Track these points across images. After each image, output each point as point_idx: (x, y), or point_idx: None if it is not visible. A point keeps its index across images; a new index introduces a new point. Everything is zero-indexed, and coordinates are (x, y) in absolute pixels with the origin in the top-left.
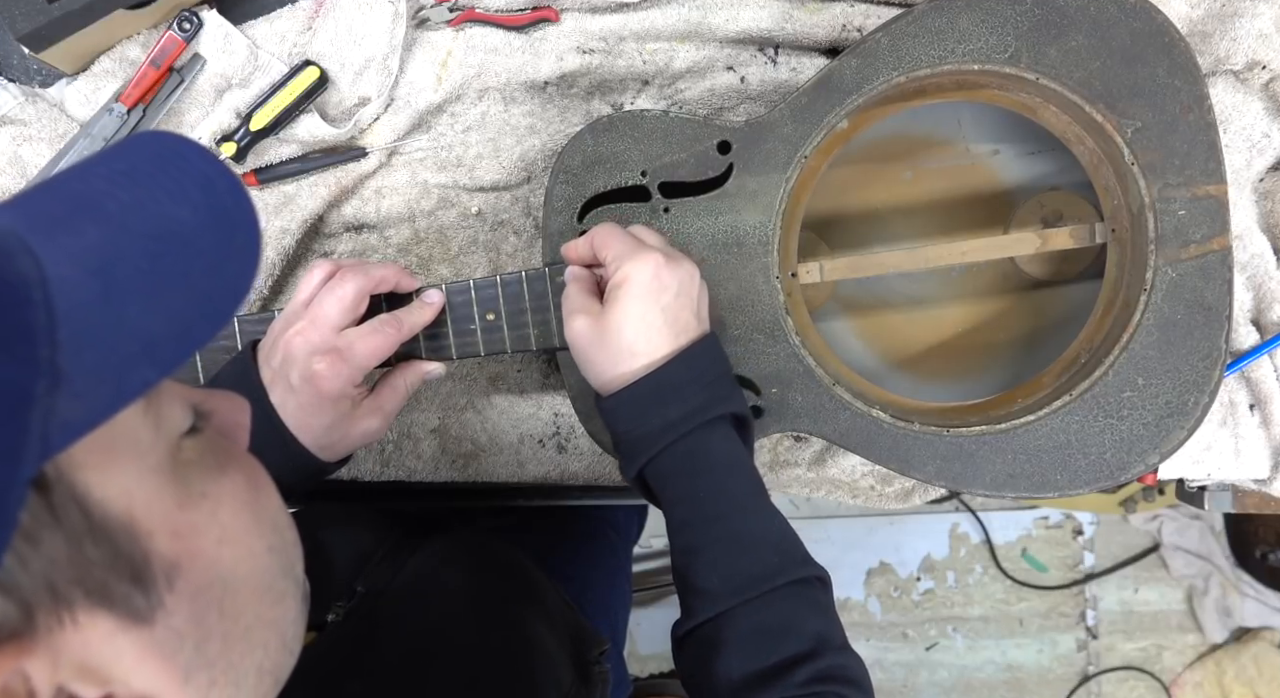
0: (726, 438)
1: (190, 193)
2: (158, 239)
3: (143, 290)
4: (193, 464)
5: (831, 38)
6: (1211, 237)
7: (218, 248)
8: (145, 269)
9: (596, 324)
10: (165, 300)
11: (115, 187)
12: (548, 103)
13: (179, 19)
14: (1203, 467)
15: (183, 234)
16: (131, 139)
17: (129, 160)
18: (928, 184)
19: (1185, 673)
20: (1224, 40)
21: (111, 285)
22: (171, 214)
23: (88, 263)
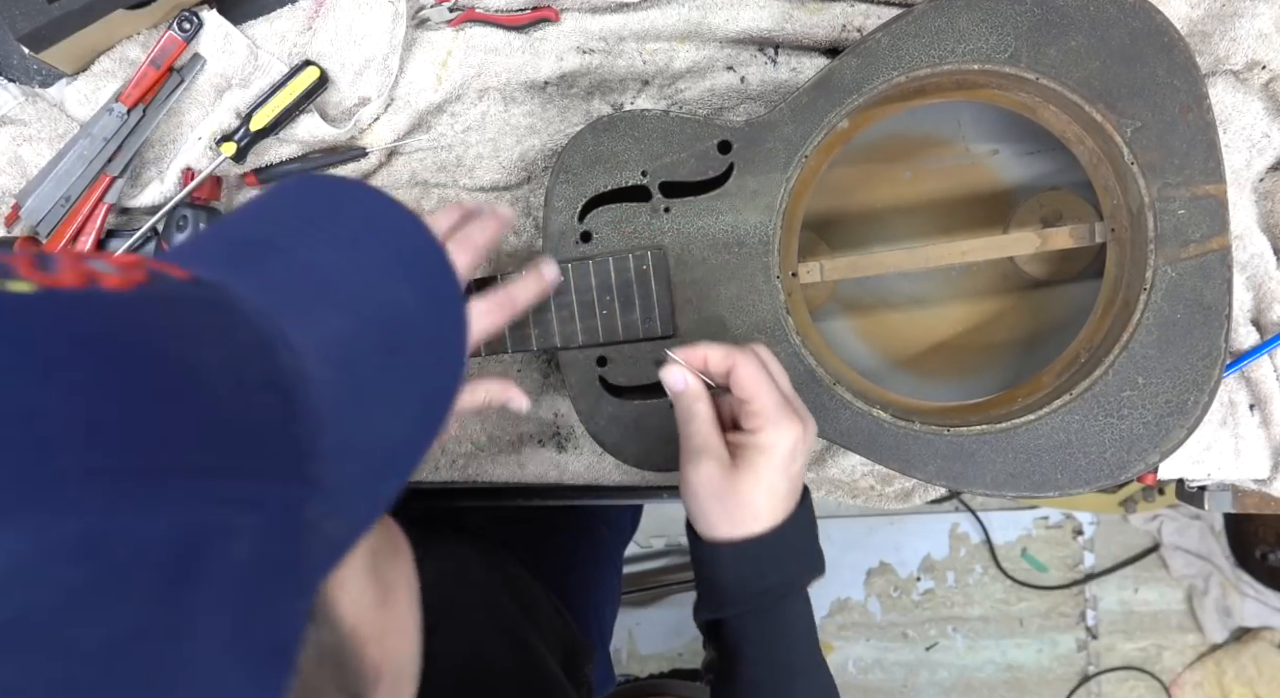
0: (806, 603)
1: (408, 270)
2: (389, 328)
3: (383, 390)
4: (379, 552)
5: (831, 38)
6: (1211, 236)
7: (437, 335)
8: (382, 365)
9: (726, 480)
10: (401, 399)
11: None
12: (548, 103)
13: (179, 19)
14: (1203, 467)
15: (407, 322)
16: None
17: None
18: (928, 184)
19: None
20: (1224, 40)
21: (359, 385)
22: (395, 298)
23: (336, 358)
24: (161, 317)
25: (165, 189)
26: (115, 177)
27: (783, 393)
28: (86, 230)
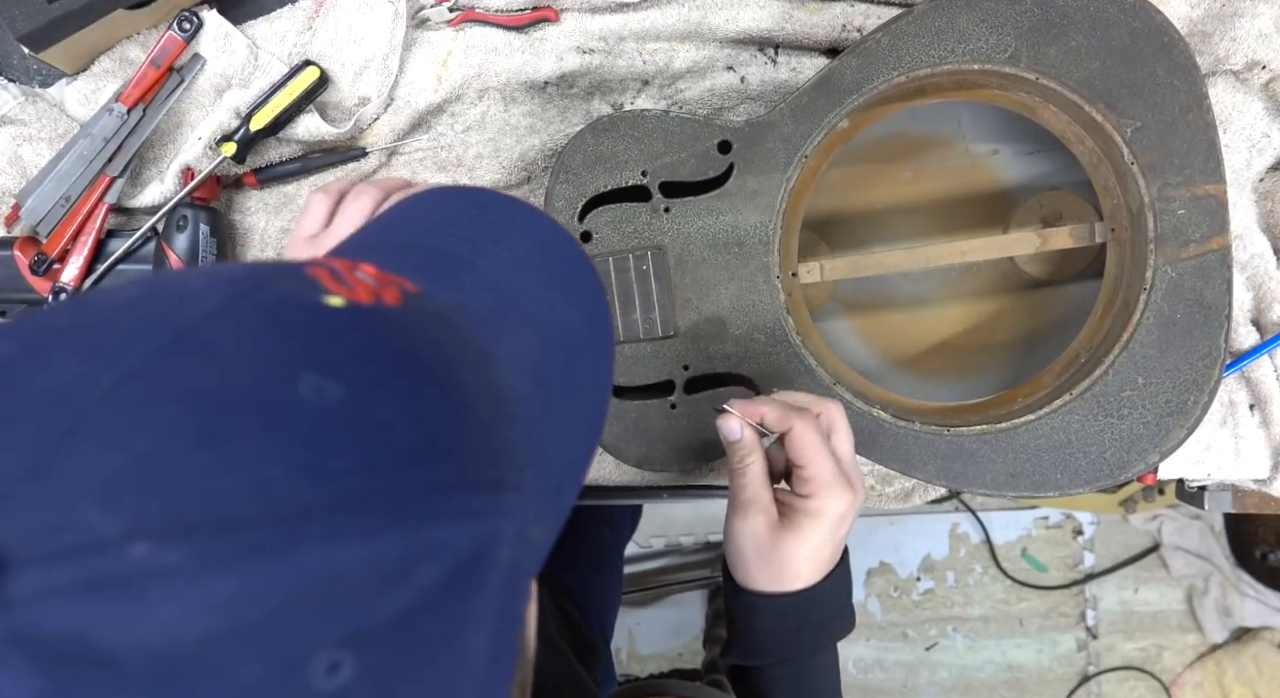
0: (834, 656)
1: (575, 292)
2: (565, 346)
3: (563, 404)
4: None
5: (831, 38)
6: (1211, 236)
7: (598, 355)
8: (562, 381)
9: (771, 537)
10: (575, 413)
11: (523, 278)
12: (548, 103)
13: (179, 19)
14: (1203, 467)
15: (576, 341)
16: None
17: (520, 244)
18: (927, 184)
19: (1185, 673)
20: (1224, 40)
21: (547, 399)
22: (566, 317)
23: (528, 372)
24: (431, 332)
25: (165, 189)
26: (115, 176)
27: (838, 460)
28: (86, 230)
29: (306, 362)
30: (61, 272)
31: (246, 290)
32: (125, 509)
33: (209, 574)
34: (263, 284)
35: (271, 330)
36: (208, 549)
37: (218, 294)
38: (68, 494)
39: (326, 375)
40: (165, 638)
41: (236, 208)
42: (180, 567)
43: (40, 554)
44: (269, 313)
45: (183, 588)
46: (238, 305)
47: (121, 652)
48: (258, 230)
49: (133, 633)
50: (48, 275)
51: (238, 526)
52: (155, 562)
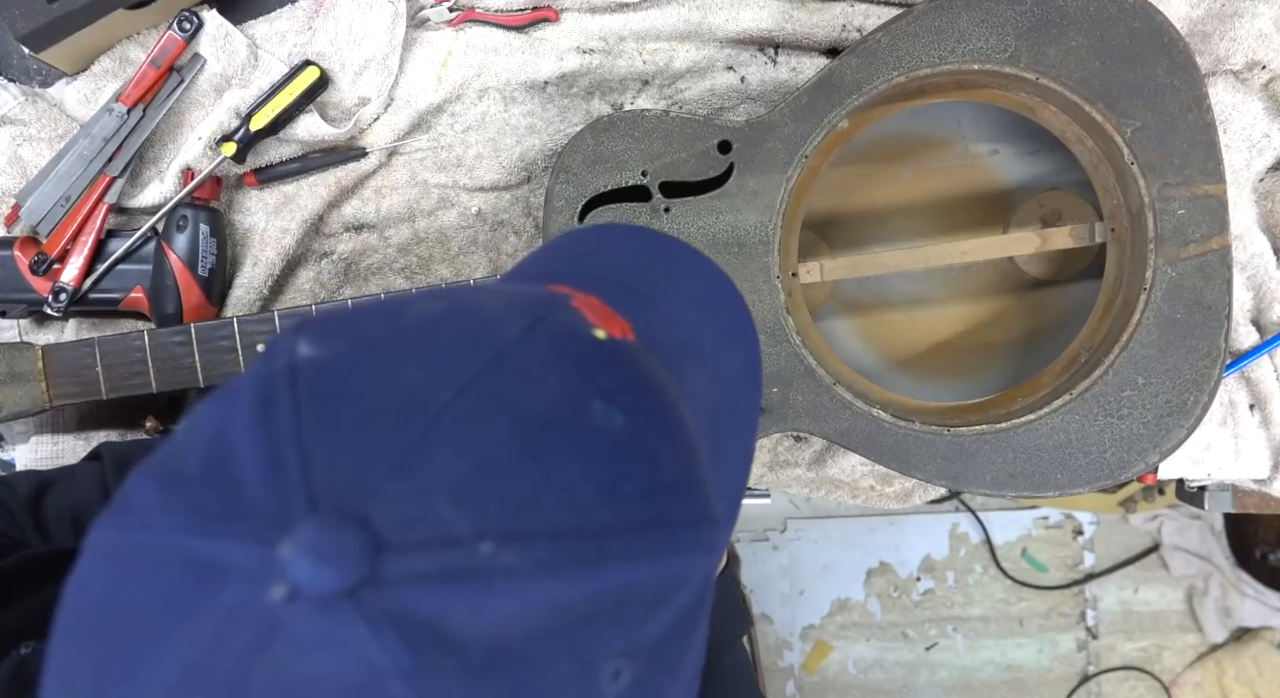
0: (739, 654)
1: (739, 339)
2: (731, 388)
3: (728, 443)
4: None
5: (831, 38)
6: (1211, 236)
7: (753, 401)
8: (729, 421)
9: None
10: (736, 453)
11: (701, 321)
12: (548, 103)
13: (179, 19)
14: (1203, 467)
15: (739, 385)
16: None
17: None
18: (927, 184)
19: (1185, 673)
20: (1224, 40)
21: (719, 437)
22: (732, 361)
23: (706, 409)
24: (660, 369)
25: (165, 189)
26: (115, 177)
27: None
28: (86, 230)
29: (594, 390)
30: (61, 272)
31: (538, 318)
32: (472, 510)
33: (540, 577)
34: (547, 312)
35: (564, 356)
36: (539, 556)
37: (519, 320)
38: (426, 493)
39: (610, 404)
40: (499, 630)
41: (236, 208)
42: (517, 568)
43: (408, 542)
44: (559, 341)
45: (519, 587)
46: (535, 332)
47: (464, 637)
48: (258, 230)
49: (476, 622)
50: (48, 275)
51: (561, 537)
52: (498, 561)
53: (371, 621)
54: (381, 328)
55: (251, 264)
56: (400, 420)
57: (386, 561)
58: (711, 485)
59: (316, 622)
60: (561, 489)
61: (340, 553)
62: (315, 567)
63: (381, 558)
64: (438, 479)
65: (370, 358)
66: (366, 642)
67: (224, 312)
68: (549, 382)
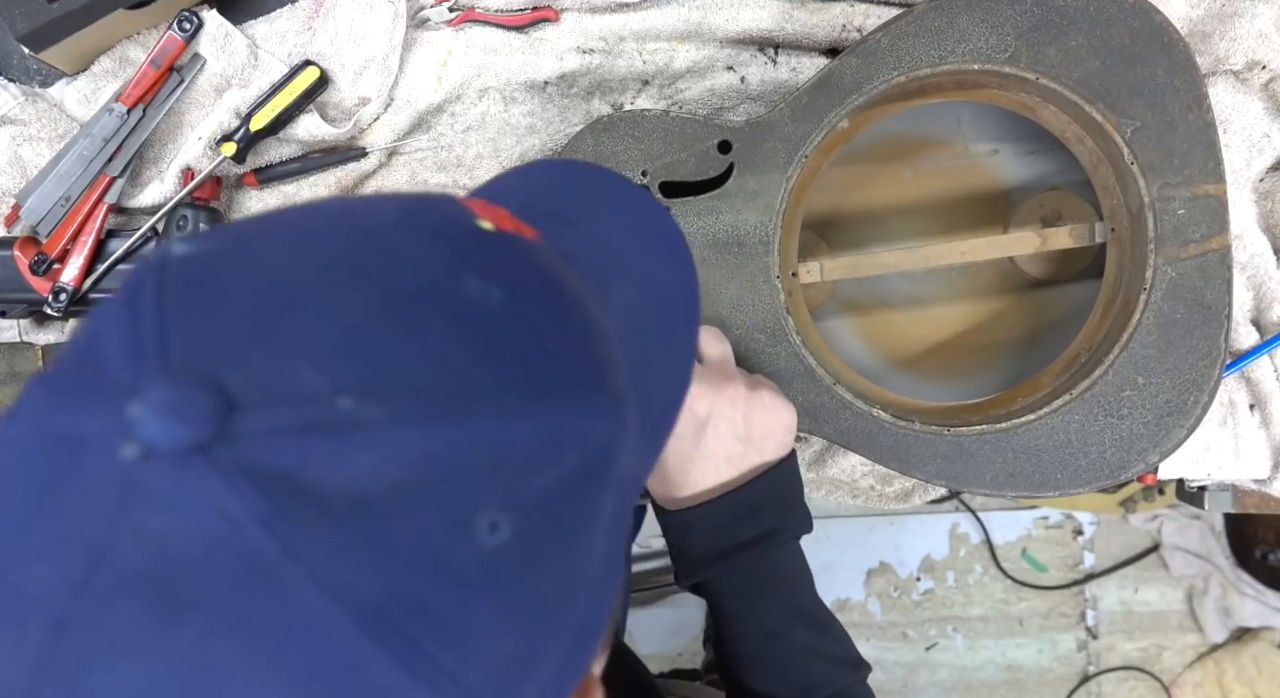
0: (793, 554)
1: (668, 257)
2: (660, 304)
3: (657, 354)
4: None
5: (831, 38)
6: (1211, 236)
7: (687, 316)
8: (659, 334)
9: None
10: (666, 365)
11: (624, 240)
12: (548, 103)
13: (179, 19)
14: (1203, 467)
15: (670, 301)
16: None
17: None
18: (927, 184)
19: (1185, 673)
20: (1224, 40)
21: (646, 346)
22: (662, 278)
23: (630, 321)
24: (562, 266)
25: (165, 189)
26: (115, 177)
27: (702, 360)
28: (86, 230)
29: (470, 268)
30: (61, 272)
31: (417, 209)
32: (333, 371)
33: (401, 430)
34: (430, 206)
35: (440, 239)
36: (400, 410)
37: (394, 209)
38: (284, 356)
39: (488, 281)
40: (362, 481)
41: (236, 208)
42: (377, 421)
43: (262, 400)
44: (436, 226)
45: (379, 440)
46: (411, 218)
47: (326, 489)
48: None
49: (336, 474)
50: (48, 275)
51: (424, 393)
52: (357, 415)
53: (225, 474)
54: (258, 224)
55: None
56: (261, 295)
57: (238, 417)
58: (625, 379)
59: (171, 478)
60: (427, 352)
61: (189, 409)
62: (163, 423)
63: (234, 415)
64: (296, 344)
65: (239, 246)
66: (222, 494)
67: None
68: (420, 260)
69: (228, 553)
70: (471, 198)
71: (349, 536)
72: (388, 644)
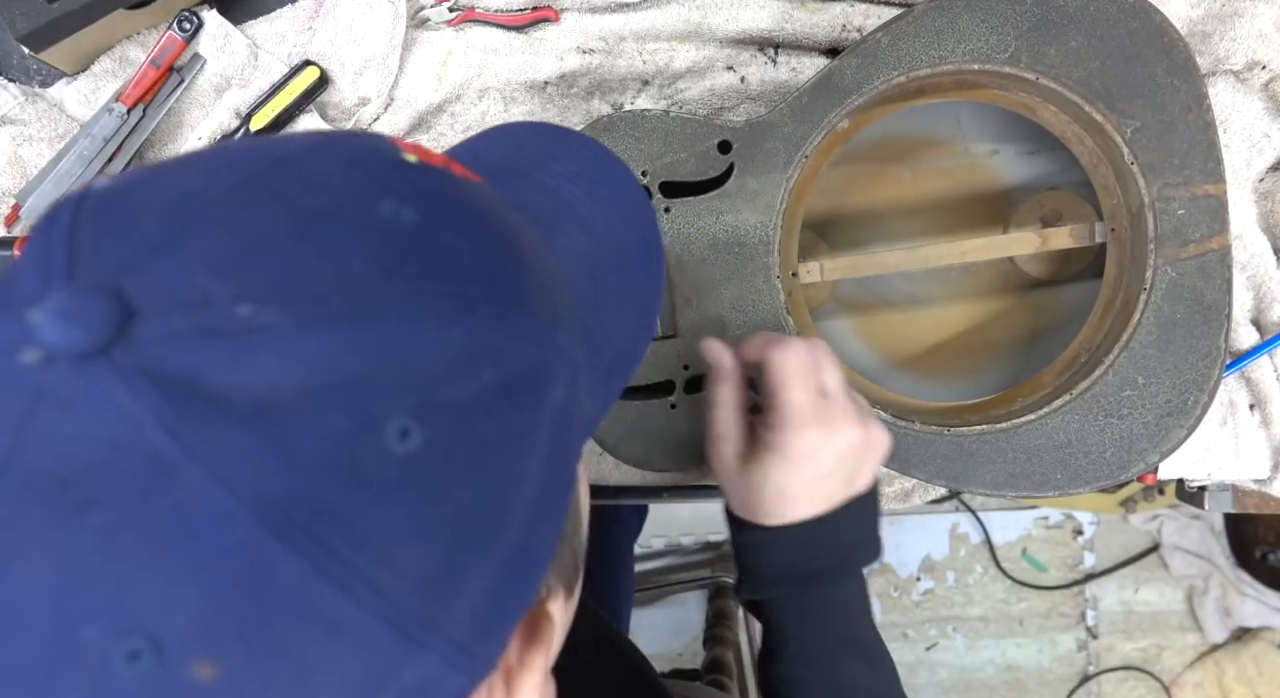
0: (859, 583)
1: (626, 210)
2: (616, 252)
3: (614, 298)
4: None
5: (831, 38)
6: (1211, 236)
7: (648, 268)
8: (614, 281)
9: (739, 470)
10: (625, 311)
11: (579, 192)
12: (548, 103)
13: (179, 19)
14: (1203, 467)
15: (628, 251)
16: (572, 140)
17: (576, 165)
18: (927, 184)
19: (1185, 673)
20: (1224, 40)
21: (600, 290)
22: (618, 229)
23: (581, 265)
24: (497, 203)
25: None
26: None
27: (818, 393)
28: None
29: (385, 191)
30: None
31: (335, 138)
32: (233, 279)
33: (302, 334)
34: (350, 136)
35: (355, 166)
36: (301, 314)
37: (311, 137)
38: (185, 267)
39: (403, 203)
40: (265, 385)
41: None
42: (277, 325)
43: (161, 305)
44: (353, 152)
45: (279, 343)
46: (326, 146)
47: (228, 392)
48: None
49: (237, 377)
50: None
51: (327, 299)
52: (257, 320)
53: (125, 376)
54: (177, 159)
55: None
56: (166, 214)
57: (138, 322)
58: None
59: (73, 381)
60: (331, 262)
61: (87, 314)
62: (62, 328)
63: (133, 321)
64: (198, 256)
65: (155, 176)
66: (122, 396)
67: None
68: (332, 182)
69: (128, 453)
70: (427, 151)
71: (251, 436)
72: (294, 544)
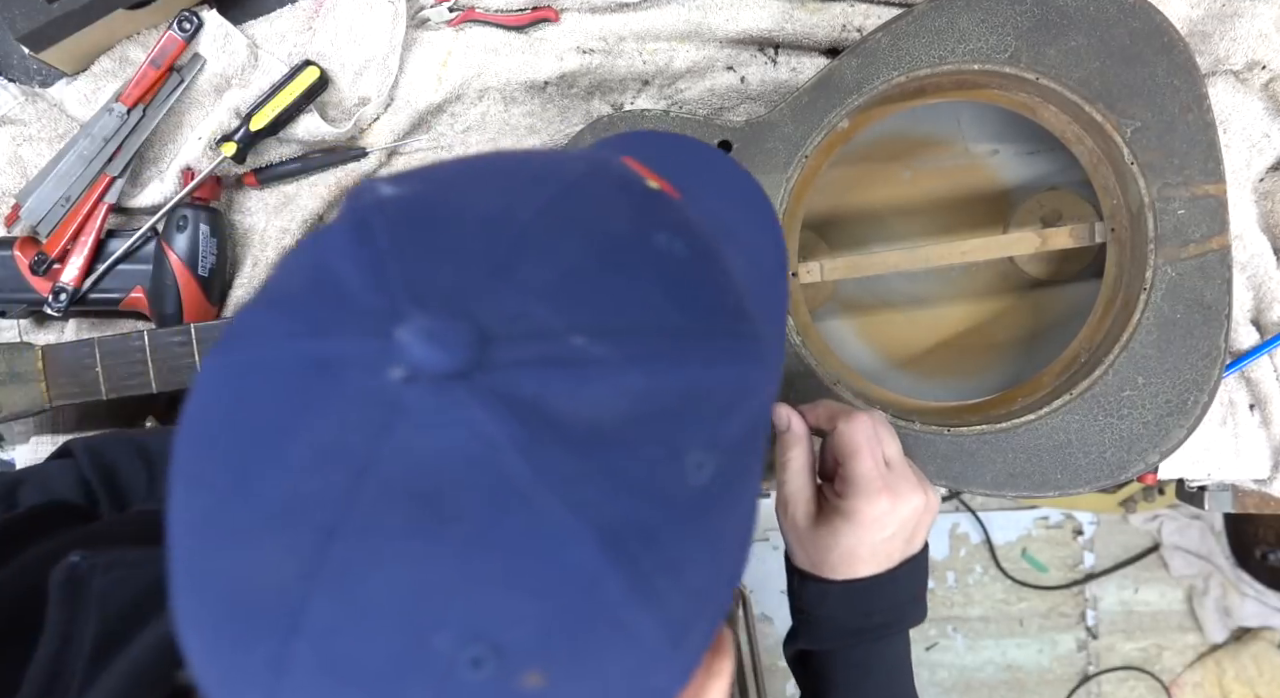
0: (905, 643)
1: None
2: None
3: (765, 310)
4: None
5: (831, 38)
6: (1211, 236)
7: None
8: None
9: (808, 530)
10: (773, 322)
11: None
12: (548, 103)
13: (179, 19)
14: (1203, 467)
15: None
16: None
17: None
18: (927, 184)
19: (1185, 673)
20: (1224, 40)
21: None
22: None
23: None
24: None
25: (165, 189)
26: (115, 176)
27: (883, 463)
28: (86, 230)
29: (657, 223)
30: (61, 271)
31: (599, 165)
32: (564, 309)
33: (628, 368)
34: (608, 162)
35: (625, 193)
36: (628, 349)
37: (581, 164)
38: (520, 293)
39: (672, 236)
40: (595, 413)
41: (236, 208)
42: (608, 358)
43: (510, 333)
44: (619, 181)
45: (610, 375)
46: (599, 172)
47: (565, 416)
48: (258, 230)
49: (574, 404)
50: (48, 275)
51: (645, 334)
52: (590, 351)
53: (484, 399)
54: (453, 170)
55: (251, 264)
56: (488, 236)
57: (492, 347)
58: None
59: (434, 400)
60: (640, 296)
61: (452, 337)
62: (430, 349)
63: (488, 345)
64: (529, 283)
65: (451, 191)
66: (481, 418)
67: (224, 312)
68: (617, 209)
69: (483, 471)
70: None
71: (589, 462)
72: (619, 562)
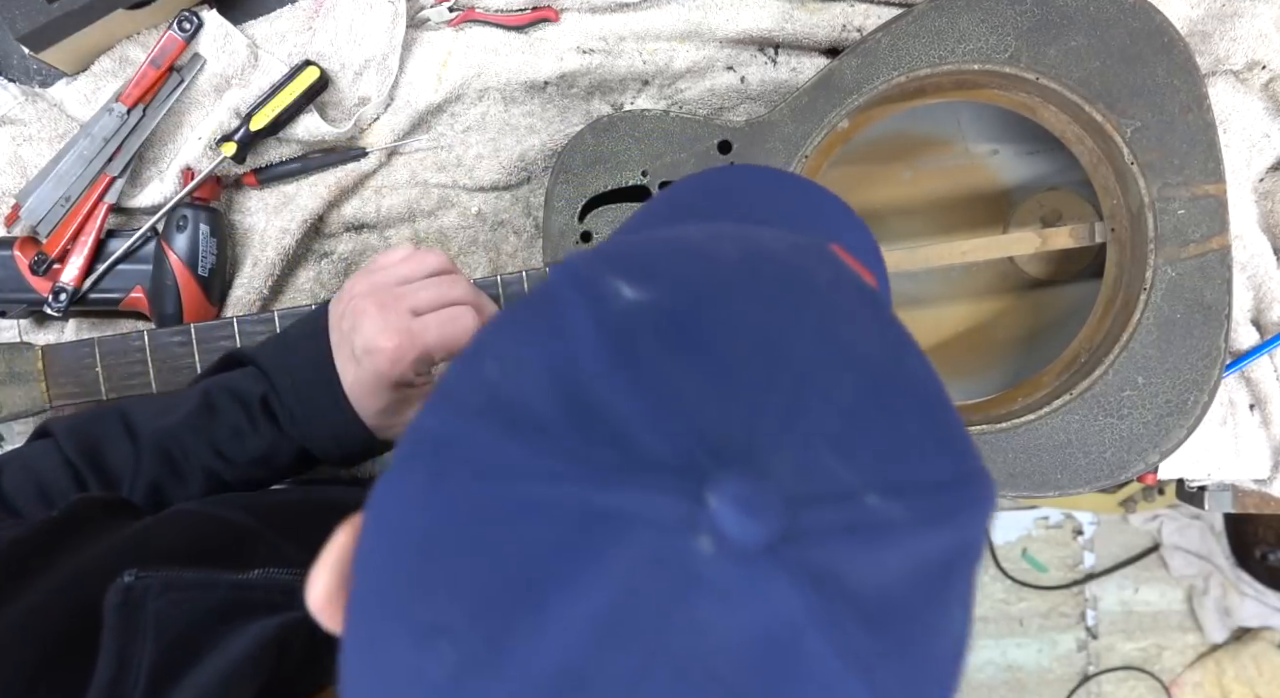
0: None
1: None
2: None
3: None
4: None
5: (831, 38)
6: (1211, 236)
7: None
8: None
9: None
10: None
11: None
12: (548, 103)
13: (179, 19)
14: (1203, 467)
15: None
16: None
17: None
18: (927, 184)
19: (1185, 673)
20: (1224, 40)
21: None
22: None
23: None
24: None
25: (165, 189)
26: (115, 177)
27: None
28: (86, 230)
29: (899, 339)
30: (61, 272)
31: (836, 267)
32: (852, 461)
33: (919, 530)
34: (832, 257)
35: (865, 305)
36: (918, 508)
37: (825, 269)
38: (808, 444)
39: (918, 355)
40: (883, 580)
41: (236, 208)
42: (900, 520)
43: (811, 495)
44: (857, 289)
45: (905, 540)
46: (842, 279)
47: (863, 590)
48: (258, 230)
49: (867, 572)
50: (48, 275)
51: (926, 488)
52: (885, 513)
53: (791, 573)
54: (696, 270)
55: (251, 264)
56: (767, 368)
57: (803, 514)
58: None
59: (738, 574)
60: (914, 441)
61: (765, 505)
62: (743, 519)
63: (801, 511)
64: (817, 429)
65: (704, 302)
66: (787, 595)
67: (224, 312)
68: (868, 329)
69: (787, 654)
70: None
71: (887, 642)
72: None
